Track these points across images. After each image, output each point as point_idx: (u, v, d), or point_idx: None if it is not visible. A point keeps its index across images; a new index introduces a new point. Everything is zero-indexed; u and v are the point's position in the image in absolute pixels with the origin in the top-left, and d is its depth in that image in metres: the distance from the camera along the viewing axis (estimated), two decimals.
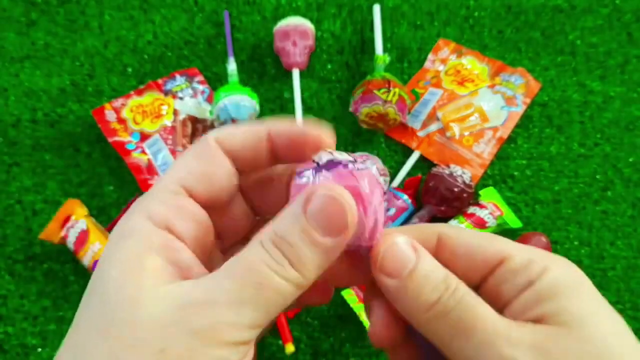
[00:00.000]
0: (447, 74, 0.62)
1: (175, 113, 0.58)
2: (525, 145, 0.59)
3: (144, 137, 0.57)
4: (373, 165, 0.20)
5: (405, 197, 0.53)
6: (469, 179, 0.52)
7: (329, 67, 0.62)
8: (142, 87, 0.59)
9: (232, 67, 0.58)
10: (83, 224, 0.50)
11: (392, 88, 0.54)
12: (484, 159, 0.57)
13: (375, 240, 0.20)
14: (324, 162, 0.19)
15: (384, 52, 0.60)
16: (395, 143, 0.59)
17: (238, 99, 0.54)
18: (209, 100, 0.59)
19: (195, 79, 0.61)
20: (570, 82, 0.62)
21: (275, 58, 0.62)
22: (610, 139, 0.59)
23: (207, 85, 0.61)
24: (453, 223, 0.52)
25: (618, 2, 0.66)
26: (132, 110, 0.58)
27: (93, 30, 0.63)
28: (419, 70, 0.63)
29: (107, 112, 0.57)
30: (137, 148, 0.56)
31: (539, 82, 0.61)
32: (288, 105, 0.60)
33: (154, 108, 0.58)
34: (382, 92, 0.54)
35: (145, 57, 0.62)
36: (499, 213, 0.53)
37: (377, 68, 0.58)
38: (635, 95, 0.61)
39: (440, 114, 0.59)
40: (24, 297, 0.51)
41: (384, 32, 0.63)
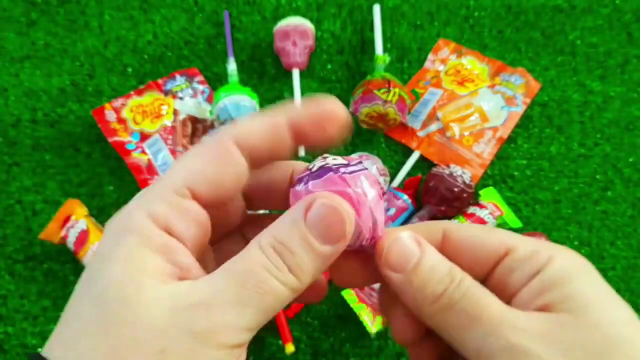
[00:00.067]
0: (447, 74, 0.62)
1: (175, 113, 0.58)
2: (525, 145, 0.59)
3: (144, 137, 0.57)
4: (373, 165, 0.20)
5: (405, 197, 0.53)
6: (469, 179, 0.52)
7: (329, 67, 0.62)
8: (142, 87, 0.59)
9: (232, 67, 0.58)
10: (83, 224, 0.50)
11: (392, 88, 0.54)
12: (484, 159, 0.57)
13: (377, 238, 0.20)
14: (316, 169, 0.20)
15: (384, 52, 0.60)
16: (395, 143, 0.59)
17: (238, 99, 0.54)
18: (209, 100, 0.59)
19: (195, 79, 0.61)
20: (570, 82, 0.62)
21: (275, 58, 0.62)
22: (610, 139, 0.59)
23: (207, 85, 0.61)
24: None
25: (618, 2, 0.66)
26: (132, 110, 0.58)
27: (93, 30, 0.63)
28: (419, 70, 0.63)
29: (107, 112, 0.57)
30: (137, 148, 0.56)
31: (539, 82, 0.61)
32: None
33: (154, 108, 0.58)
34: (382, 92, 0.54)
35: (145, 57, 0.62)
36: (499, 213, 0.53)
37: (377, 68, 0.58)
38: (635, 95, 0.61)
39: (440, 114, 0.59)
40: (24, 297, 0.51)
41: (384, 32, 0.63)
